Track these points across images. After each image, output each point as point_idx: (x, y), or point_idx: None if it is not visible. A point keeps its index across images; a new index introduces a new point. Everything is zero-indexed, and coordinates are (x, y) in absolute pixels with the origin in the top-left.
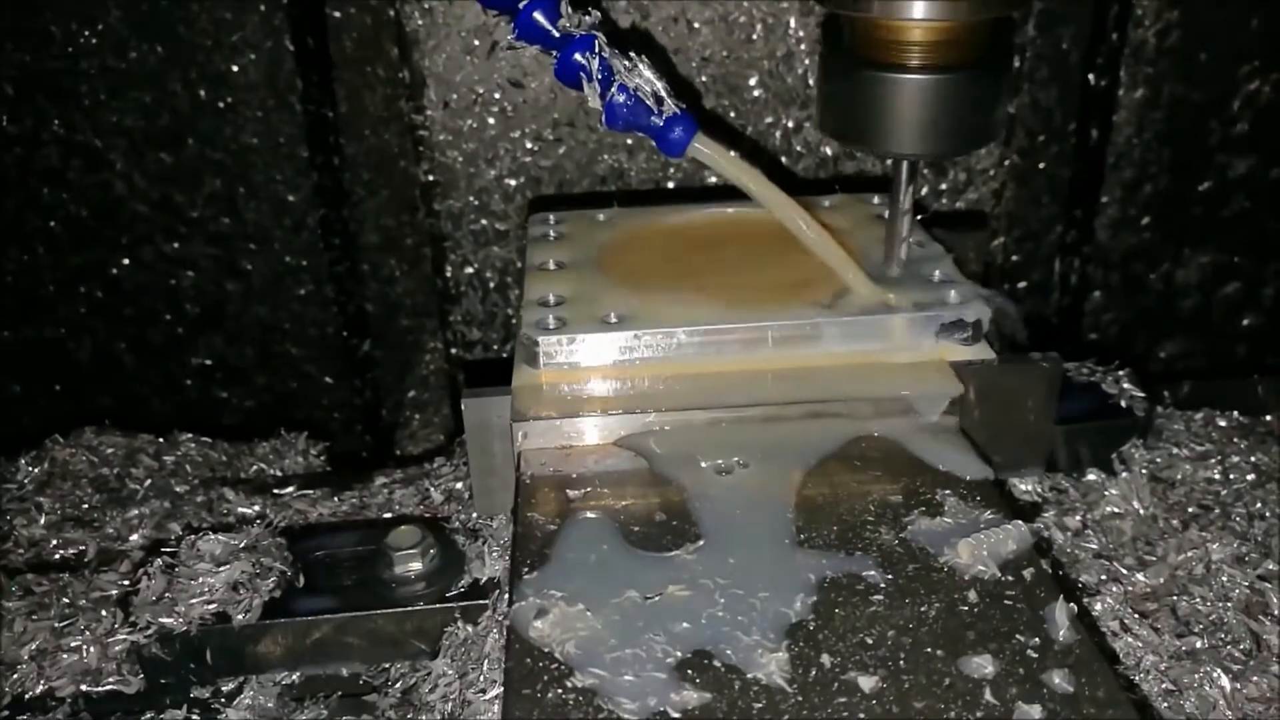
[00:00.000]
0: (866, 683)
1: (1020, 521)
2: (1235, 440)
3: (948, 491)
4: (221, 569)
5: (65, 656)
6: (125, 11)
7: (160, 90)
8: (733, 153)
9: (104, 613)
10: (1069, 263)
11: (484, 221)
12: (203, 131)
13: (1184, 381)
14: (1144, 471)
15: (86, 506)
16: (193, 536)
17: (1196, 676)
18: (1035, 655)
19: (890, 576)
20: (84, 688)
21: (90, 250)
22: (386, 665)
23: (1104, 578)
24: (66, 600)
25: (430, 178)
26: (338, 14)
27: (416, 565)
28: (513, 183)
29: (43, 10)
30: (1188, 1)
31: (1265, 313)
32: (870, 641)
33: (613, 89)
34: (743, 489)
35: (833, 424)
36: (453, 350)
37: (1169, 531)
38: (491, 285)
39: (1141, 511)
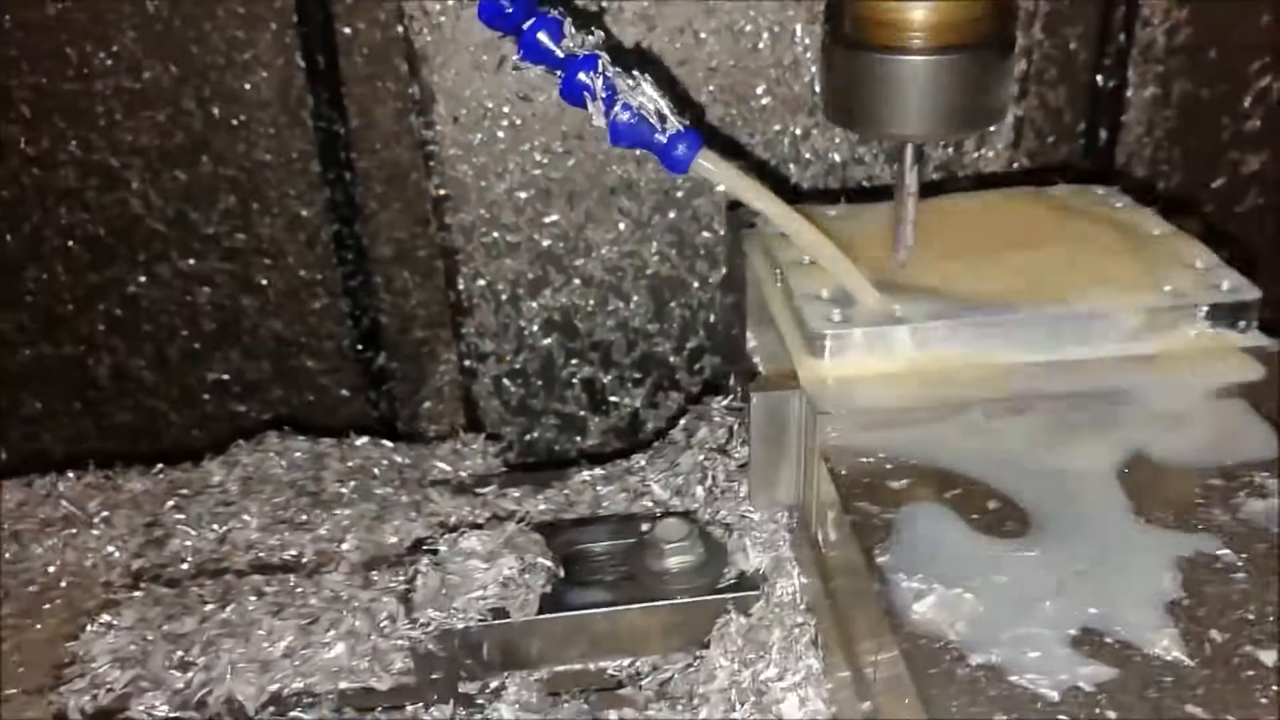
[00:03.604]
0: (1268, 657)
1: None
2: None
3: (1266, 474)
4: (489, 566)
5: (323, 653)
6: (139, 32)
7: (174, 109)
8: (736, 167)
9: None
10: None
11: (495, 234)
12: (216, 149)
13: None
14: None
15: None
16: (454, 534)
17: None
18: None
19: (1246, 555)
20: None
21: (108, 268)
22: (654, 658)
23: None
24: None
25: (441, 192)
26: (348, 30)
27: (685, 558)
28: (523, 195)
29: (58, 32)
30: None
31: None
32: (1252, 618)
33: (616, 107)
34: (1060, 476)
35: (1134, 411)
36: (466, 362)
37: None
38: (504, 297)
39: None
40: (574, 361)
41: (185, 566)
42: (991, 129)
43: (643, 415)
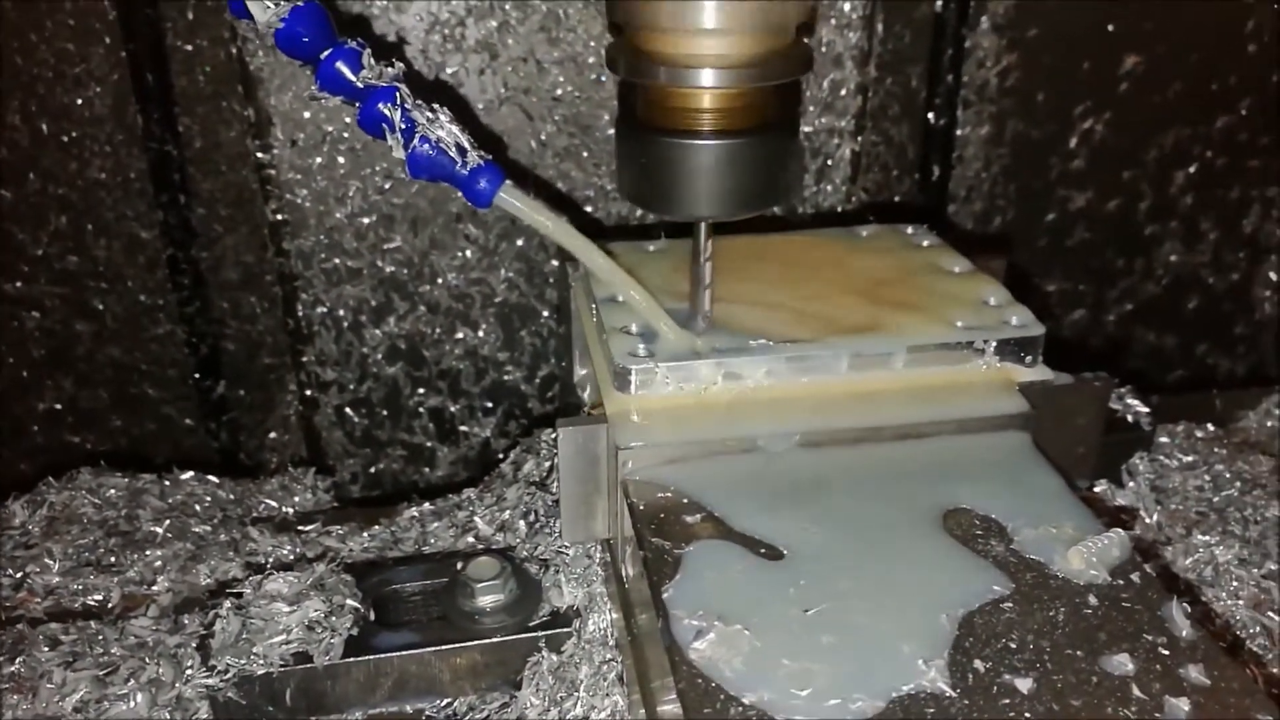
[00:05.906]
0: (1023, 684)
1: (1119, 530)
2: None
3: (1040, 503)
4: (293, 609)
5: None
6: None
7: None
8: (538, 201)
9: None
10: None
11: (336, 260)
12: (45, 166)
13: None
14: (1147, 481)
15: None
16: (258, 577)
17: None
18: (1167, 653)
19: (1014, 586)
20: None
21: None
22: (470, 697)
23: None
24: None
25: (279, 216)
26: (189, 48)
27: (496, 596)
28: (365, 221)
29: None
30: (1025, 45)
31: (1107, 337)
32: (1014, 646)
33: (415, 140)
34: (849, 510)
35: (921, 445)
36: (307, 391)
37: (1175, 538)
38: (345, 325)
39: (1148, 520)
40: (421, 391)
41: None
42: (829, 170)
43: (494, 445)
